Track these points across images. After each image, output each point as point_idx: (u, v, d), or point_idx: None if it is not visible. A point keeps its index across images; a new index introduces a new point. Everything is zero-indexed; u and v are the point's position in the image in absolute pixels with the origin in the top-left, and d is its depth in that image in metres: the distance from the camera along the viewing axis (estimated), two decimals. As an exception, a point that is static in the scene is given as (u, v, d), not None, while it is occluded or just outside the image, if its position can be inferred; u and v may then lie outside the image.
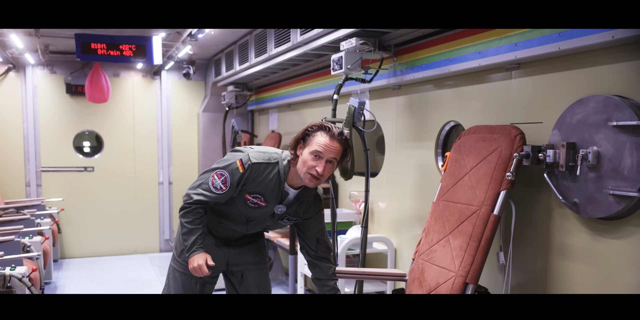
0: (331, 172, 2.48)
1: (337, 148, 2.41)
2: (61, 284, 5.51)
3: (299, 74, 5.33)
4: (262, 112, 6.89)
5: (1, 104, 6.33)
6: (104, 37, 4.59)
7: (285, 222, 2.64)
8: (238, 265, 2.78)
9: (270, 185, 2.49)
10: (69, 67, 6.54)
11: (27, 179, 6.46)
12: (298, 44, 4.18)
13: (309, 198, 2.61)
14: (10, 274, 3.02)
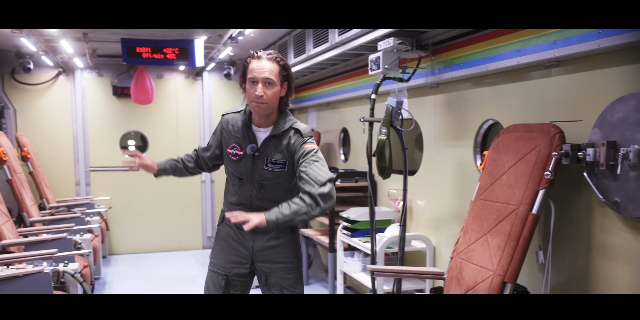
0: (276, 95, 2.46)
1: (269, 67, 2.42)
2: (110, 279, 5.72)
3: (337, 73, 5.37)
4: (301, 111, 6.96)
5: (52, 107, 6.59)
6: (149, 41, 4.74)
7: (272, 167, 2.51)
8: (264, 263, 2.63)
9: (240, 131, 2.57)
10: (115, 70, 6.76)
11: (76, 178, 6.72)
12: (336, 44, 4.23)
13: (286, 137, 2.52)
14: (64, 270, 3.17)
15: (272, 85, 2.43)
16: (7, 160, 4.66)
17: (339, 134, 5.77)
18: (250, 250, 2.63)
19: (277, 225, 2.34)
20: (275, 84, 2.44)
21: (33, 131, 6.45)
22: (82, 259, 3.85)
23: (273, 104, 2.47)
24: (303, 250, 5.52)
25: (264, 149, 2.52)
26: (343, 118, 5.60)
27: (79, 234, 4.32)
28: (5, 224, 3.77)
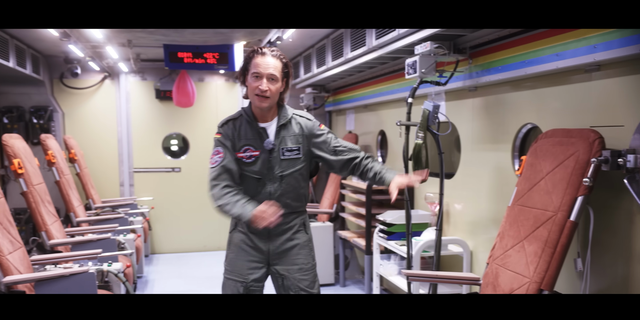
0: (278, 90, 2.57)
1: (273, 63, 2.53)
2: (152, 278, 5.88)
3: (375, 76, 5.38)
4: (339, 113, 7.00)
5: (98, 110, 6.81)
6: (190, 46, 4.86)
7: (289, 154, 2.62)
8: (280, 266, 2.67)
9: (248, 132, 2.61)
10: (158, 73, 6.93)
11: (121, 179, 6.93)
12: (373, 48, 4.24)
13: (295, 124, 2.66)
14: (108, 270, 3.29)
15: (276, 81, 2.54)
16: (56, 163, 4.85)
17: (376, 136, 5.77)
18: (266, 254, 2.68)
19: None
20: (278, 80, 2.55)
21: (80, 133, 6.68)
22: (125, 259, 3.98)
23: (274, 99, 2.58)
24: (340, 252, 5.55)
25: (278, 140, 2.62)
26: (381, 120, 5.61)
27: (122, 234, 4.47)
28: (54, 224, 3.93)
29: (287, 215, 2.65)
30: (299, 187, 2.68)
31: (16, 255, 2.91)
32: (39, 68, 6.02)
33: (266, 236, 2.67)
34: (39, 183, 3.98)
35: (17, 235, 3.04)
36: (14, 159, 3.64)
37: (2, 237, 2.81)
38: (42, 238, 3.72)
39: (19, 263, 2.89)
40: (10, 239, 2.92)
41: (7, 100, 6.27)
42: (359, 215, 5.13)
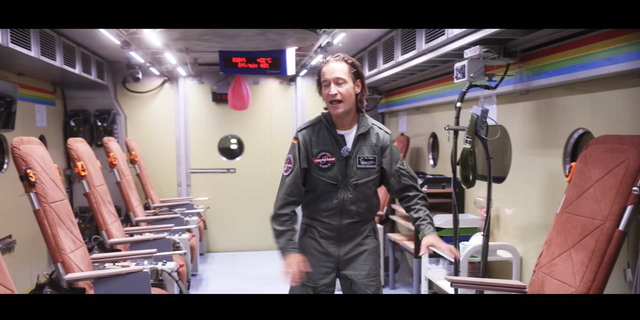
0: (349, 92, 2.56)
1: (339, 67, 2.55)
2: (206, 276, 6.07)
3: (426, 78, 5.36)
4: (391, 115, 6.99)
5: (158, 113, 7.08)
6: (244, 52, 4.98)
7: (365, 164, 2.63)
8: (349, 270, 2.71)
9: (326, 139, 2.64)
10: (215, 77, 7.14)
11: (178, 179, 7.18)
12: (423, 52, 4.23)
13: (374, 135, 2.67)
14: (162, 269, 3.45)
15: (344, 83, 2.56)
16: (117, 164, 5.09)
17: (428, 138, 5.75)
18: (336, 259, 2.71)
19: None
20: (346, 81, 2.56)
21: (141, 135, 6.97)
22: (179, 258, 4.14)
23: (349, 102, 2.58)
24: (389, 254, 5.56)
25: (355, 149, 2.64)
26: (433, 122, 5.58)
27: (177, 233, 4.64)
28: (114, 224, 4.14)
29: (358, 222, 2.70)
30: (371, 197, 2.72)
31: (77, 254, 3.09)
32: (104, 73, 6.32)
33: (336, 241, 2.71)
34: (101, 184, 4.20)
35: (79, 235, 3.23)
36: (77, 161, 3.86)
37: (65, 236, 3.00)
38: (103, 237, 3.93)
39: (80, 261, 3.08)
40: (72, 238, 3.11)
41: (74, 104, 6.62)
42: (409, 219, 5.12)
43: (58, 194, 3.12)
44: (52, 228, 2.89)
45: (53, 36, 4.52)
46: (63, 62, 4.75)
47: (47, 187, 2.96)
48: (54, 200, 3.01)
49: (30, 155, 2.93)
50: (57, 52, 4.59)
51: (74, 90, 6.56)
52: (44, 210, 2.88)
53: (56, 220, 2.95)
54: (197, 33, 3.62)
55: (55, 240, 2.88)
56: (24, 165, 2.85)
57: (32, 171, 2.86)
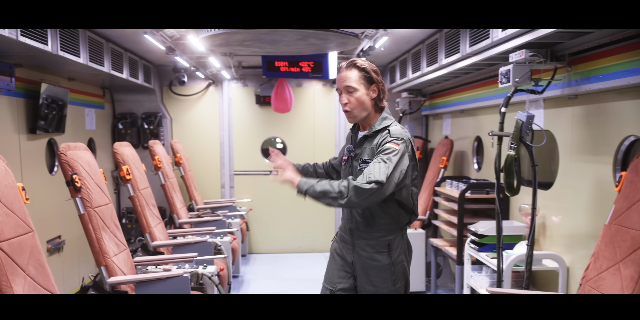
0: (360, 99, 2.55)
1: (349, 75, 2.55)
2: (247, 278, 6.12)
3: (471, 81, 5.26)
4: (435, 117, 6.90)
5: (202, 115, 7.20)
6: (286, 56, 5.00)
7: (363, 166, 2.55)
8: (359, 283, 2.65)
9: (350, 138, 2.76)
10: (258, 80, 7.20)
11: (222, 181, 7.28)
12: (467, 55, 4.15)
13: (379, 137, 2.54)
14: (202, 273, 3.50)
15: (355, 91, 2.55)
16: (162, 167, 5.19)
17: (472, 142, 5.64)
18: (351, 265, 2.69)
19: (303, 195, 2.42)
20: (357, 89, 2.55)
21: (186, 138, 7.10)
22: (220, 261, 4.19)
23: (361, 108, 2.57)
24: (432, 259, 5.48)
25: (358, 150, 2.63)
26: (477, 126, 5.47)
27: (219, 236, 4.70)
28: (157, 226, 4.23)
29: (368, 230, 2.62)
30: (379, 204, 2.52)
31: (121, 257, 3.17)
32: (150, 77, 6.47)
33: (352, 247, 2.68)
34: (145, 188, 4.29)
35: (123, 238, 3.31)
36: (123, 165, 3.96)
37: (109, 240, 3.07)
38: (147, 239, 4.01)
39: (123, 264, 3.15)
40: (116, 241, 3.19)
41: (122, 107, 6.80)
42: (451, 224, 5.04)
43: (103, 198, 3.20)
44: (97, 232, 2.97)
45: (101, 42, 4.65)
46: (111, 68, 4.88)
47: (92, 192, 3.04)
48: (98, 205, 3.09)
49: (77, 160, 3.01)
50: (105, 58, 4.72)
51: (122, 94, 6.74)
52: (88, 214, 2.96)
53: (100, 225, 3.02)
54: (239, 39, 3.63)
55: (99, 244, 2.96)
56: (70, 171, 2.93)
57: (78, 177, 2.94)
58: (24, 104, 4.37)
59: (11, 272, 2.03)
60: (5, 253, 2.04)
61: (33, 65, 4.41)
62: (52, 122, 4.77)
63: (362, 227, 2.63)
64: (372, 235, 2.62)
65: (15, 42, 3.22)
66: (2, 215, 2.09)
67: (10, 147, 4.15)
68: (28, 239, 2.25)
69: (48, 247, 4.57)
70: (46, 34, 3.56)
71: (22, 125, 4.35)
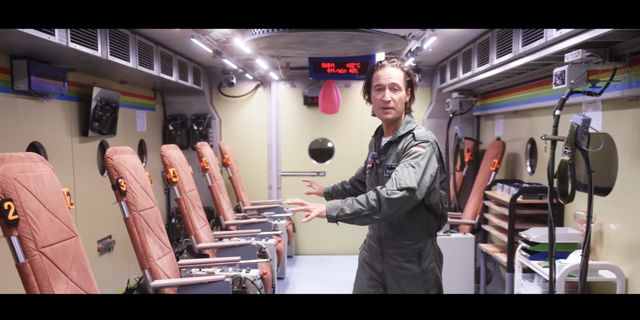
0: (402, 100, 2.51)
1: (395, 73, 2.49)
2: (293, 280, 6.12)
3: (525, 81, 5.08)
4: (487, 118, 6.70)
5: (251, 116, 7.24)
6: (332, 57, 4.96)
7: (390, 172, 2.48)
8: (390, 292, 2.59)
9: (373, 145, 2.68)
10: (306, 80, 7.18)
11: (269, 182, 7.30)
12: (520, 55, 4.00)
13: (404, 142, 2.48)
14: (245, 277, 3.49)
15: (399, 91, 2.50)
16: (209, 169, 5.24)
17: (526, 144, 5.44)
18: (380, 274, 2.63)
19: (337, 222, 2.31)
20: (401, 89, 2.51)
21: (234, 139, 7.17)
22: (265, 264, 4.19)
23: (400, 110, 2.53)
24: (481, 265, 5.32)
25: (383, 157, 2.56)
26: (531, 127, 5.27)
27: (264, 239, 4.70)
28: (203, 228, 4.26)
29: (399, 238, 2.56)
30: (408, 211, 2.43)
31: (165, 260, 3.20)
32: (200, 79, 6.55)
33: (381, 256, 2.62)
34: (191, 190, 4.33)
35: (167, 241, 3.35)
36: (169, 168, 4.01)
37: (153, 243, 3.11)
38: (192, 241, 4.05)
39: (167, 267, 3.18)
40: (160, 244, 3.23)
41: (173, 108, 6.92)
42: (502, 230, 4.87)
43: (148, 201, 3.24)
44: (141, 235, 3.01)
45: (151, 46, 4.73)
46: (160, 71, 4.96)
47: (138, 196, 3.08)
48: (143, 208, 3.13)
49: (123, 164, 3.06)
50: (154, 61, 4.79)
51: (173, 96, 6.86)
52: (133, 218, 3.00)
53: (145, 228, 3.06)
54: (283, 42, 3.61)
55: (143, 248, 2.99)
56: (115, 175, 2.98)
57: (124, 180, 2.99)
58: (77, 107, 4.50)
59: (53, 277, 2.07)
60: (48, 258, 2.08)
61: (85, 70, 4.53)
62: (106, 124, 4.90)
63: (390, 236, 2.57)
64: (401, 244, 2.56)
65: (66, 48, 3.30)
66: (46, 221, 2.14)
67: (63, 150, 4.27)
68: (71, 244, 2.29)
69: (99, 247, 4.68)
70: (96, 39, 3.64)
71: (75, 128, 4.47)
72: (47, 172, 2.28)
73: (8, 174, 2.01)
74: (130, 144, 5.68)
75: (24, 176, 2.10)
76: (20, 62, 3.56)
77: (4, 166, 2.01)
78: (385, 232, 2.58)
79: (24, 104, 3.72)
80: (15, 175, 2.05)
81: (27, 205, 2.05)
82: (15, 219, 1.97)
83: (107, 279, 4.86)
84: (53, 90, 3.88)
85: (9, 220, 1.94)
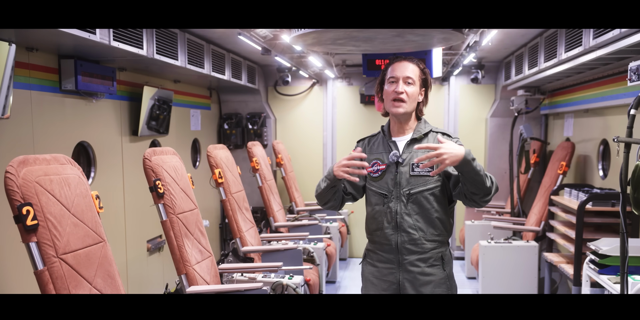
0: (415, 95, 2.42)
1: (410, 67, 2.43)
2: (344, 284, 5.93)
3: (597, 77, 4.69)
4: (556, 117, 6.28)
5: (306, 115, 7.12)
6: (387, 54, 4.73)
7: (419, 171, 2.38)
8: None
9: (380, 146, 2.51)
10: (364, 78, 6.98)
11: (324, 182, 7.14)
12: (590, 49, 3.67)
13: (433, 140, 2.42)
14: (287, 284, 3.35)
15: (413, 84, 2.43)
16: (260, 169, 5.15)
17: (598, 145, 5.02)
18: (397, 287, 2.45)
19: (472, 164, 2.16)
20: (415, 83, 2.43)
21: (289, 138, 7.07)
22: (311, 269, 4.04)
23: (411, 105, 2.44)
24: (545, 275, 4.96)
25: (407, 155, 2.44)
26: (605, 127, 4.86)
27: (313, 242, 4.55)
28: (249, 231, 4.16)
29: (419, 243, 2.42)
30: (432, 210, 2.42)
31: (204, 265, 3.10)
32: (255, 77, 6.48)
33: (397, 265, 2.45)
34: (238, 191, 4.24)
35: (207, 245, 3.25)
36: (215, 169, 3.93)
37: (191, 247, 3.02)
38: (237, 244, 3.95)
39: (206, 272, 3.08)
40: (200, 248, 3.13)
41: (228, 107, 6.89)
42: (569, 239, 4.50)
43: (188, 204, 3.15)
44: (178, 239, 2.92)
45: (202, 44, 4.67)
46: (211, 69, 4.90)
47: (176, 198, 3.00)
48: (182, 211, 3.05)
49: (161, 166, 2.98)
50: (205, 60, 4.74)
51: (229, 94, 6.84)
52: (170, 221, 2.92)
53: (183, 231, 2.97)
54: (330, 37, 3.44)
55: (180, 252, 2.91)
56: (153, 176, 2.90)
57: (161, 182, 2.91)
58: (128, 106, 4.50)
59: (74, 285, 1.99)
60: (70, 265, 2.00)
61: (136, 69, 4.52)
62: (163, 123, 4.93)
63: (412, 240, 2.42)
64: (424, 248, 2.44)
65: (109, 47, 3.26)
66: (69, 226, 2.06)
67: (113, 149, 4.28)
68: (97, 250, 2.21)
69: (148, 246, 4.68)
70: (141, 38, 3.59)
71: (125, 127, 4.47)
72: (74, 175, 2.21)
73: (29, 177, 1.95)
74: (183, 143, 5.67)
75: (47, 179, 2.03)
76: (68, 61, 3.56)
77: (25, 169, 1.95)
78: (405, 237, 2.42)
79: (72, 104, 3.73)
80: (37, 179, 1.98)
81: (49, 209, 1.98)
82: (34, 225, 1.90)
83: (155, 279, 4.86)
84: (101, 90, 3.88)
85: (28, 225, 1.87)
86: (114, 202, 4.27)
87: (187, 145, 5.84)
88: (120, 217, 4.34)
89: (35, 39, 3.17)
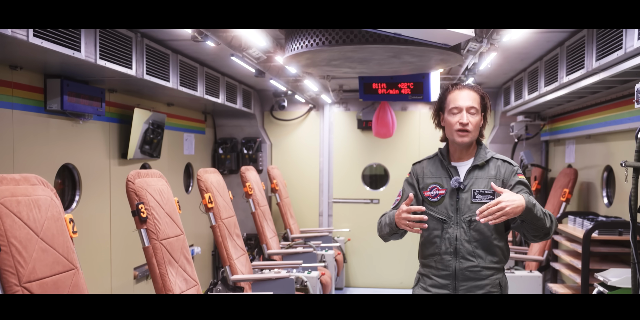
0: (478, 124, 2.42)
1: (472, 95, 2.41)
2: (341, 315, 5.70)
3: (600, 102, 4.59)
4: (557, 143, 6.17)
5: (302, 140, 7.01)
6: (384, 77, 4.63)
7: (481, 198, 2.37)
8: None
9: (439, 171, 2.50)
10: (361, 104, 6.89)
11: (320, 209, 6.97)
12: (593, 71, 3.58)
13: (494, 167, 2.43)
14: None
15: (476, 114, 2.41)
16: (253, 195, 4.99)
17: (601, 172, 4.89)
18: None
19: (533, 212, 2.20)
20: (478, 112, 2.42)
21: (285, 163, 6.93)
22: (305, 299, 3.84)
23: (475, 134, 2.44)
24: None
25: (469, 181, 2.43)
26: (608, 153, 4.74)
27: (307, 271, 4.37)
28: (240, 259, 3.98)
29: (477, 270, 2.39)
30: (491, 238, 2.40)
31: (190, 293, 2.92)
32: (250, 102, 6.38)
33: (453, 290, 2.42)
34: (229, 217, 4.07)
35: (193, 273, 3.07)
36: (205, 193, 3.77)
37: (175, 275, 2.84)
38: (227, 272, 3.77)
39: (190, 303, 2.89)
40: (185, 276, 2.95)
41: (223, 132, 6.78)
42: (575, 269, 4.31)
43: (173, 229, 2.99)
44: (161, 267, 2.74)
45: (195, 66, 4.58)
46: (205, 92, 4.79)
47: (161, 223, 2.84)
48: (166, 237, 2.88)
49: (145, 189, 2.83)
50: (199, 82, 4.63)
51: (224, 119, 6.73)
52: (153, 247, 2.75)
53: (167, 259, 2.80)
54: (325, 58, 3.34)
55: (162, 280, 2.73)
56: (136, 200, 2.75)
57: (145, 206, 2.75)
58: (117, 129, 4.37)
59: (38, 317, 1.81)
60: (34, 295, 1.82)
61: (127, 91, 4.41)
62: (157, 147, 4.83)
63: (471, 266, 2.39)
64: (482, 275, 2.40)
65: (95, 66, 3.15)
66: (37, 252, 1.90)
67: (100, 172, 4.13)
68: (68, 278, 2.04)
69: (135, 274, 4.55)
70: (130, 57, 3.49)
71: (114, 150, 4.33)
72: (45, 196, 2.05)
73: (-7, 198, 1.79)
74: (175, 167, 5.53)
75: (15, 200, 1.88)
76: (54, 81, 3.45)
77: (-10, 189, 1.79)
78: (464, 263, 2.38)
79: (57, 125, 3.60)
80: (2, 200, 1.83)
81: (14, 233, 1.82)
82: (-5, 250, 1.74)
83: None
84: (89, 111, 3.76)
85: (-13, 251, 1.71)
86: (100, 227, 4.11)
87: (179, 170, 5.70)
88: (106, 243, 4.17)
89: (19, 57, 3.06)
